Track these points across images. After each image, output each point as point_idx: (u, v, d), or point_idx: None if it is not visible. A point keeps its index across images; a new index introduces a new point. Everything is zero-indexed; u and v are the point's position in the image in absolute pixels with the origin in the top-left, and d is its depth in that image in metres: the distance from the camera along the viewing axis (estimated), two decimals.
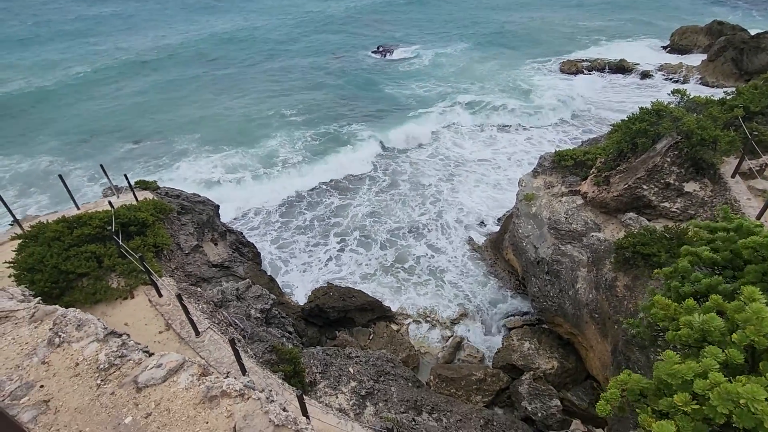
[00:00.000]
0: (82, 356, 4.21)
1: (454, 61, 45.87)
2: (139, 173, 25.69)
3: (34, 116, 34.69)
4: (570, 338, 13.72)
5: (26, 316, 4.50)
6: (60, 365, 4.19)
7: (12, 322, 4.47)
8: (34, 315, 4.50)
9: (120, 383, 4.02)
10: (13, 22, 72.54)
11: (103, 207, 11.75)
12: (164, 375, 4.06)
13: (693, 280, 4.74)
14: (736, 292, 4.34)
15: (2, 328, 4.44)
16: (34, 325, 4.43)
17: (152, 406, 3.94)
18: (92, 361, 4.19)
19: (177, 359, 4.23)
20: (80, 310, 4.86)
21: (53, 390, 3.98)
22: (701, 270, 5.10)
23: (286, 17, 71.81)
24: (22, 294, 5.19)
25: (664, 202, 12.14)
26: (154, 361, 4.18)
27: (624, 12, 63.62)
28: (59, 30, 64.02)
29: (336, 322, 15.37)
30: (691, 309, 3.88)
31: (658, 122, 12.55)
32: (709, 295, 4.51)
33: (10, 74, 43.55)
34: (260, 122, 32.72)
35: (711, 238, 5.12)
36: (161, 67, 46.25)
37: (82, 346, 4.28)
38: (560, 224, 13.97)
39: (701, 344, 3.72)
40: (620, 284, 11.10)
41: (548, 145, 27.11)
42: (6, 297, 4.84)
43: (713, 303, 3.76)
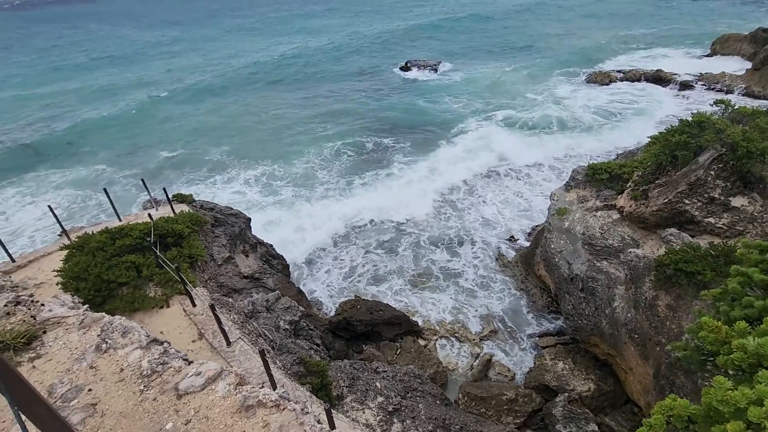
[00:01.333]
0: (126, 362, 4.37)
1: (486, 76, 45.72)
2: (188, 186, 26.93)
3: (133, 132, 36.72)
4: (607, 359, 13.08)
5: (76, 323, 4.74)
6: (106, 370, 4.36)
7: (63, 328, 4.72)
8: (83, 321, 4.73)
9: (161, 389, 4.14)
10: (86, 50, 78.72)
11: (143, 219, 12.31)
12: (203, 383, 4.15)
13: (745, 304, 4.42)
14: None
15: (55, 333, 4.69)
16: (83, 331, 4.65)
17: (192, 414, 4.03)
18: (136, 367, 4.34)
19: (215, 368, 4.32)
20: (125, 318, 5.07)
21: (100, 394, 4.15)
22: (753, 292, 4.75)
23: (319, 39, 74.15)
24: (72, 301, 5.47)
25: (709, 218, 11.51)
26: (194, 369, 4.29)
27: (662, 22, 61.87)
28: (123, 57, 68.88)
29: (363, 335, 15.31)
30: (745, 332, 3.61)
31: (699, 134, 11.99)
32: (761, 318, 4.19)
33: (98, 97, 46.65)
34: (304, 139, 33.32)
35: (761, 259, 4.77)
36: (217, 89, 47.86)
37: (127, 352, 4.45)
38: (595, 239, 13.48)
39: (756, 369, 3.46)
40: (662, 303, 10.54)
41: (578, 159, 26.41)
42: (59, 303, 5.13)
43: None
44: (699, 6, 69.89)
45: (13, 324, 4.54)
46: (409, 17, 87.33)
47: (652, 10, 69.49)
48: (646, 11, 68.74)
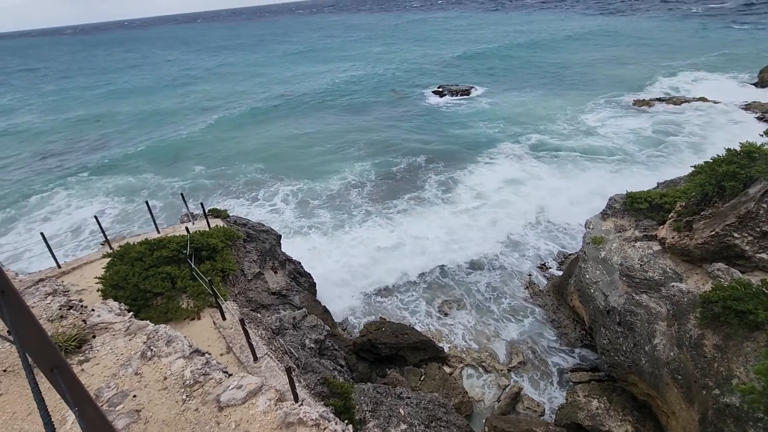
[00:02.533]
0: (170, 371, 4.45)
1: (519, 102, 45.60)
2: (226, 200, 27.93)
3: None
4: (647, 400, 12.23)
5: (122, 329, 4.90)
6: (150, 377, 4.45)
7: (110, 333, 4.88)
8: (129, 328, 4.89)
9: (203, 400, 4.17)
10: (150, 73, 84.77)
11: (180, 232, 12.76)
12: (244, 396, 4.16)
13: None
14: None
15: (102, 338, 4.85)
16: (129, 338, 4.80)
17: (232, 426, 4.03)
18: (179, 376, 4.41)
19: (256, 382, 4.33)
20: (169, 327, 5.20)
21: (144, 401, 4.23)
22: None
23: (359, 65, 76.56)
24: (119, 308, 5.68)
25: (761, 253, 10.79)
26: (235, 382, 4.31)
27: (705, 51, 60.15)
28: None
29: (387, 358, 15.04)
30: None
31: (749, 165, 11.39)
32: None
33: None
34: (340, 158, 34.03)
35: None
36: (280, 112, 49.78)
37: (170, 361, 4.54)
38: (634, 271, 12.86)
39: None
40: (708, 343, 9.84)
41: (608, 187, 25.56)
42: (106, 310, 5.33)
43: None
44: (740, 34, 67.78)
45: (66, 327, 4.73)
46: (448, 45, 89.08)
47: (693, 41, 67.86)
48: (688, 41, 67.12)
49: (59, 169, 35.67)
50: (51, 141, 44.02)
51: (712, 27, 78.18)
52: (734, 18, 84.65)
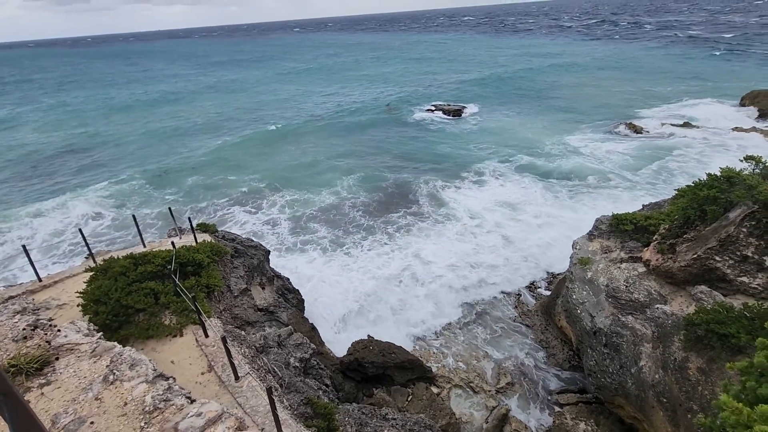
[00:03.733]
0: (131, 396, 4.35)
1: (508, 123, 46.49)
2: (222, 214, 27.82)
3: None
4: (634, 423, 12.18)
5: (88, 351, 4.79)
6: (110, 403, 4.34)
7: (75, 355, 4.77)
8: (95, 350, 4.78)
9: (161, 428, 4.07)
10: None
11: (166, 246, 12.63)
12: (202, 425, 4.07)
13: None
14: None
15: (67, 360, 4.74)
16: (94, 360, 4.69)
17: None
18: (139, 402, 4.31)
19: (216, 410, 4.24)
20: (135, 350, 5.09)
21: (101, 427, 4.10)
22: None
23: (360, 85, 77.65)
24: (87, 328, 5.56)
25: (742, 277, 10.96)
26: (195, 409, 4.21)
27: (689, 78, 62.12)
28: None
29: (374, 378, 14.82)
30: (766, 416, 3.32)
31: (729, 189, 11.68)
32: None
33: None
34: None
35: None
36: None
37: (133, 385, 4.44)
38: (620, 292, 12.97)
39: None
40: (692, 366, 9.89)
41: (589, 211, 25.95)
42: (74, 330, 5.21)
43: None
44: (718, 65, 70.24)
45: (29, 348, 4.61)
46: (444, 65, 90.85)
47: (676, 67, 70.07)
48: (674, 69, 69.18)
49: (54, 183, 35.37)
50: (44, 154, 43.70)
51: (696, 55, 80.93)
52: (716, 46, 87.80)
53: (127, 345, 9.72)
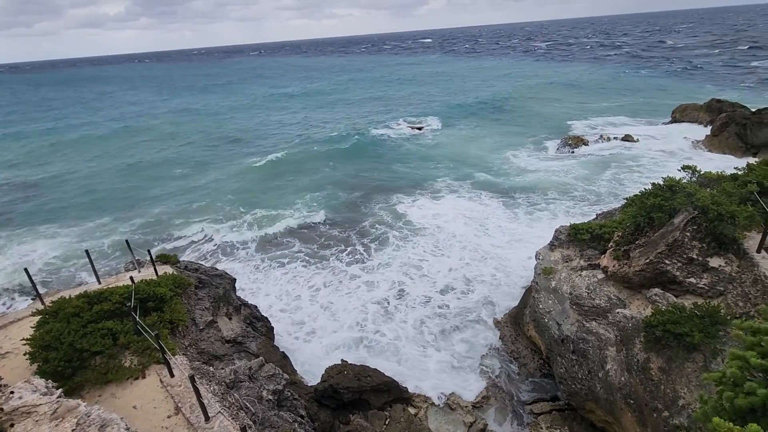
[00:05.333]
0: None
1: (459, 138, 48.26)
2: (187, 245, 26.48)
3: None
4: (605, 427, 12.57)
5: (48, 412, 4.35)
6: None
7: (33, 419, 4.32)
8: (56, 411, 4.35)
9: None
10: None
11: (124, 281, 11.93)
12: None
13: (748, 390, 4.41)
14: None
15: (23, 425, 4.29)
16: (56, 423, 4.27)
17: None
18: None
19: None
20: (105, 409, 4.70)
21: None
22: (753, 377, 4.76)
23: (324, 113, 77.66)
24: (45, 386, 5.07)
25: (690, 278, 11.79)
26: None
27: (624, 94, 67.32)
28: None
29: (350, 404, 14.47)
30: None
31: (672, 197, 12.65)
32: (767, 406, 4.18)
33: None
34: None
35: (757, 341, 4.84)
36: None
37: None
38: (582, 299, 13.54)
39: None
40: (654, 366, 10.42)
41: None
42: (29, 390, 4.74)
43: None
44: (648, 82, 76.79)
45: None
46: (406, 85, 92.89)
47: (622, 86, 75.66)
48: (615, 87, 74.59)
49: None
50: None
51: (629, 72, 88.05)
52: (645, 64, 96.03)
53: (82, 392, 9.02)
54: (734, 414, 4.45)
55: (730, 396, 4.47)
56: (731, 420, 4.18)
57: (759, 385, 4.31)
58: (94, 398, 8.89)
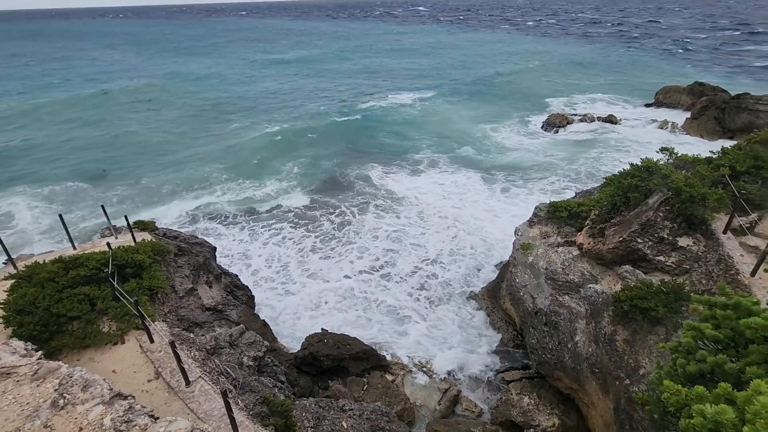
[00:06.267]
0: (86, 420, 4.02)
1: (444, 112, 47.93)
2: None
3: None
4: (571, 393, 13.33)
5: (28, 373, 4.34)
6: (62, 429, 3.99)
7: (13, 380, 4.30)
8: (36, 372, 4.34)
9: None
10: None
11: (100, 248, 11.71)
12: None
13: (699, 357, 4.75)
14: (741, 372, 4.35)
15: (3, 385, 4.27)
16: (36, 383, 4.26)
17: None
18: (96, 425, 4.00)
19: (185, 427, 4.07)
20: (87, 369, 4.70)
21: None
22: (705, 346, 5.11)
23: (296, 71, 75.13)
24: (24, 348, 5.03)
25: (659, 256, 12.29)
26: (162, 428, 4.01)
27: (611, 73, 67.40)
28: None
29: (329, 370, 14.88)
30: (703, 396, 3.88)
31: (648, 178, 12.98)
32: (714, 372, 4.50)
33: None
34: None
35: (711, 314, 5.18)
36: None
37: (87, 408, 4.10)
38: (557, 275, 14.01)
39: None
40: (620, 338, 10.99)
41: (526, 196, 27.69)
42: (8, 351, 4.70)
43: (723, 391, 3.78)
44: (636, 60, 76.96)
45: None
46: (396, 56, 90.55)
47: (611, 63, 75.56)
48: (605, 64, 74.51)
49: None
50: None
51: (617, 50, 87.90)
52: (633, 43, 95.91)
53: (60, 356, 9.00)
54: (685, 379, 4.81)
55: (682, 363, 4.82)
56: (682, 384, 4.54)
57: (709, 353, 4.67)
58: (73, 362, 8.89)
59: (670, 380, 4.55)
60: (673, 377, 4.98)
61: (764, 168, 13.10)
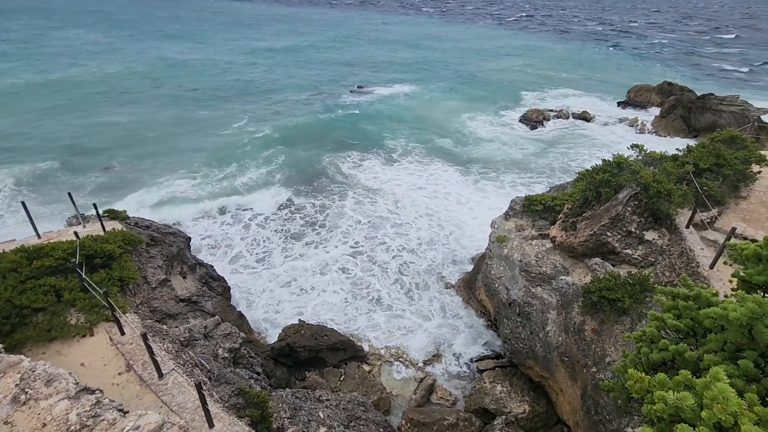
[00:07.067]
0: (50, 415, 3.88)
1: (423, 103, 48.08)
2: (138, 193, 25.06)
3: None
4: (541, 381, 13.81)
5: None
6: (24, 425, 3.83)
7: None
8: None
9: None
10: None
11: (67, 237, 11.26)
12: None
13: (661, 346, 5.02)
14: (700, 360, 4.61)
15: None
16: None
17: None
18: (62, 421, 3.86)
19: (156, 421, 3.99)
20: (51, 363, 4.52)
21: None
22: (668, 335, 5.40)
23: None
24: None
25: (627, 249, 12.80)
26: (131, 422, 3.92)
27: (585, 69, 68.92)
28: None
29: (306, 361, 14.90)
30: (664, 383, 4.12)
31: (619, 173, 13.45)
32: (675, 360, 4.76)
33: None
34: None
35: (673, 305, 5.47)
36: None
37: (51, 404, 3.96)
38: (531, 267, 14.40)
39: (676, 420, 3.90)
40: (588, 328, 11.42)
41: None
42: None
43: (683, 378, 4.01)
44: (611, 59, 79.06)
45: None
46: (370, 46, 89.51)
47: (585, 60, 77.21)
48: (579, 60, 76.12)
49: None
50: None
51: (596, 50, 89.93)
52: (609, 42, 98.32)
53: (24, 349, 8.67)
54: (648, 367, 5.09)
55: (646, 351, 5.09)
56: (645, 371, 4.81)
57: (671, 342, 4.95)
58: (38, 356, 8.57)
59: (634, 368, 4.81)
60: (637, 365, 5.25)
61: (725, 166, 13.77)
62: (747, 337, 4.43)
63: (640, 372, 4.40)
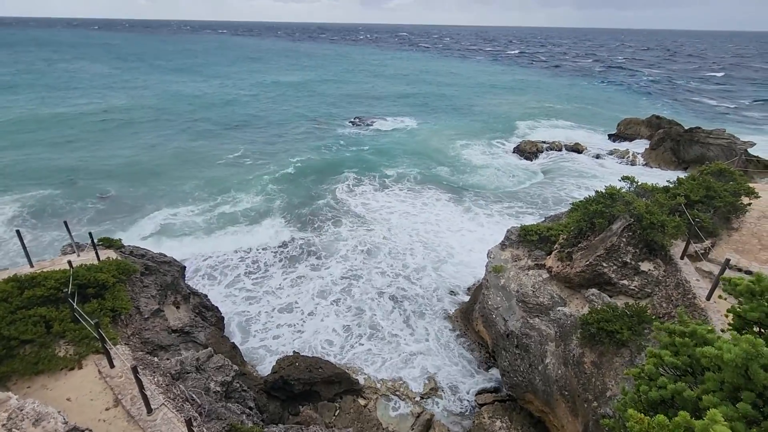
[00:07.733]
0: None
1: (421, 136, 49.10)
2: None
3: None
4: (541, 416, 13.44)
5: None
6: None
7: None
8: None
9: None
10: None
11: (60, 266, 11.16)
12: None
13: (660, 384, 4.99)
14: (699, 399, 4.58)
15: None
16: None
17: None
18: None
19: None
20: (40, 402, 4.39)
21: None
22: (666, 372, 5.37)
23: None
24: None
25: (623, 280, 12.80)
26: None
27: (577, 102, 71.08)
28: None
29: (300, 395, 14.46)
30: (664, 426, 4.10)
31: (612, 204, 13.63)
32: (674, 399, 4.72)
33: None
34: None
35: (671, 341, 5.46)
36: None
37: None
38: (528, 297, 14.31)
39: None
40: (587, 360, 11.26)
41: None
42: None
43: (682, 420, 3.99)
44: (601, 94, 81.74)
45: None
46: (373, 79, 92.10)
47: (574, 95, 79.68)
48: (570, 95, 78.53)
49: None
50: None
51: (586, 85, 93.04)
52: (598, 77, 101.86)
53: (8, 383, 8.41)
54: (647, 405, 5.02)
55: (645, 389, 5.03)
56: (645, 410, 4.74)
57: (669, 380, 4.90)
58: (23, 390, 8.32)
59: (634, 406, 4.75)
60: (637, 403, 5.18)
61: (716, 198, 14.02)
62: (743, 377, 4.41)
63: (639, 413, 4.36)
